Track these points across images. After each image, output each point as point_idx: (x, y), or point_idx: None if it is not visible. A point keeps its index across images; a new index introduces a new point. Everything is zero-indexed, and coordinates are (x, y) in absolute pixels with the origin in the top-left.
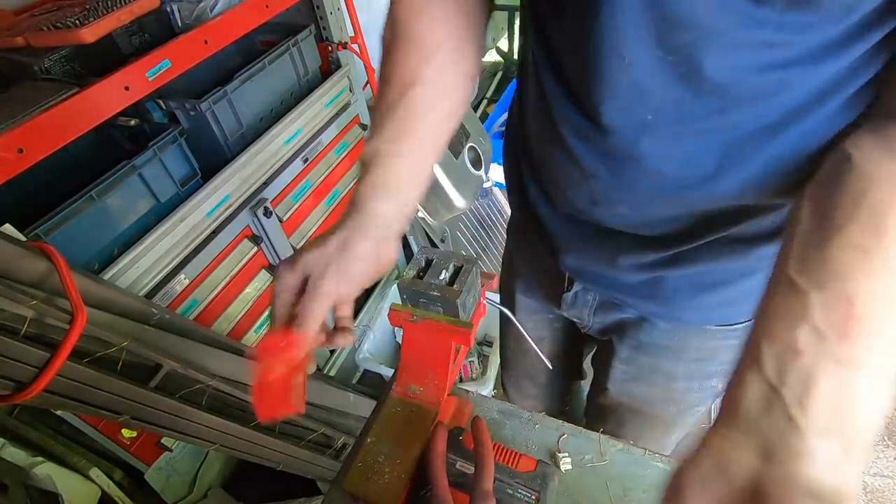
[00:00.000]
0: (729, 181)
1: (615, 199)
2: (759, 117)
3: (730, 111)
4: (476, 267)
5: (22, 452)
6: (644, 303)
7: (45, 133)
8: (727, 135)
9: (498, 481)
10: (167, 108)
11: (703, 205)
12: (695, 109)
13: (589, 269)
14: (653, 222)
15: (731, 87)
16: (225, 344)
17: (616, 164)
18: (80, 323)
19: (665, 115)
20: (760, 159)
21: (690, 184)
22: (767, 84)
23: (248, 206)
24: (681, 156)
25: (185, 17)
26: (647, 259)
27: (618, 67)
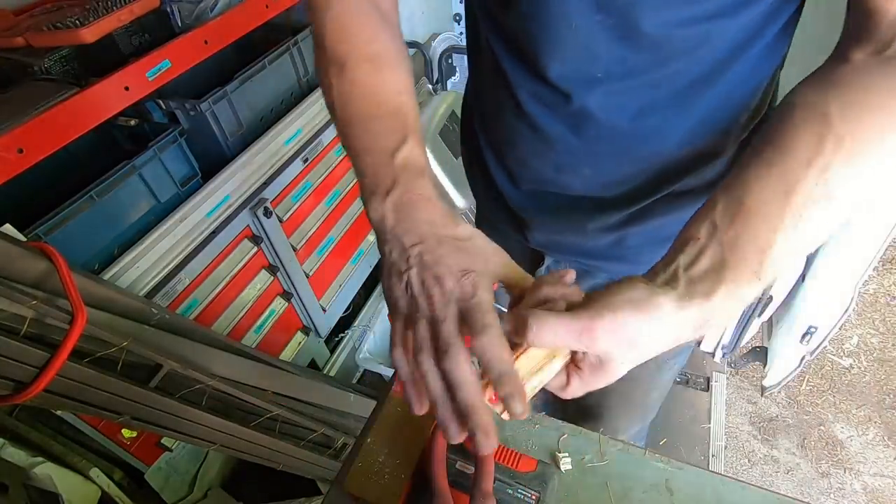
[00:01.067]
0: (676, 130)
1: (578, 162)
2: (693, 67)
3: (667, 64)
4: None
5: (22, 452)
6: (612, 264)
7: (45, 133)
8: (668, 86)
9: (498, 481)
10: (167, 108)
11: (655, 158)
12: (637, 65)
13: (557, 240)
14: (613, 182)
15: (664, 42)
16: (225, 344)
17: (575, 126)
18: (80, 323)
19: (612, 72)
20: (701, 105)
21: (643, 135)
22: (695, 36)
23: (248, 206)
24: (632, 109)
25: (185, 17)
26: (610, 220)
27: (566, 32)
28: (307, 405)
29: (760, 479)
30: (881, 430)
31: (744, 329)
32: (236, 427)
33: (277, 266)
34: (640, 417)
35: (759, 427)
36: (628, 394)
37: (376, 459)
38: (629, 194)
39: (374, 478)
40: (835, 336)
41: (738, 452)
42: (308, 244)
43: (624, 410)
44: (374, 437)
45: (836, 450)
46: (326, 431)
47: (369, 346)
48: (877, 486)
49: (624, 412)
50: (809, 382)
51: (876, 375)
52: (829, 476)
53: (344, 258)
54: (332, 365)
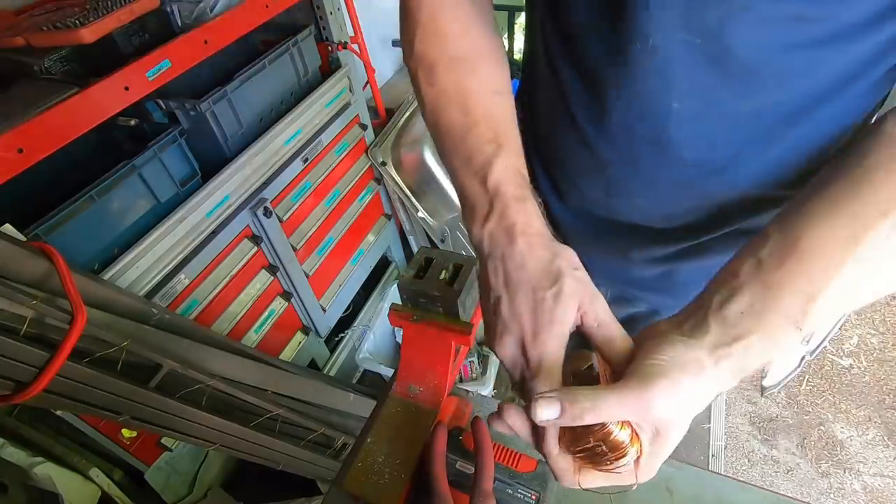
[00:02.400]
0: (750, 167)
1: (633, 190)
2: (785, 101)
3: (757, 95)
4: (476, 267)
5: (22, 452)
6: (656, 296)
7: (45, 133)
8: (753, 119)
9: (498, 481)
10: (167, 108)
11: (722, 194)
12: (722, 94)
13: (600, 264)
14: (670, 215)
15: (759, 69)
16: (225, 344)
17: (636, 152)
18: (80, 323)
19: (691, 100)
20: (783, 144)
21: (712, 170)
22: (795, 64)
23: (248, 206)
24: (705, 141)
25: (185, 17)
26: (660, 253)
27: (642, 52)
28: (307, 405)
29: (760, 479)
30: (881, 430)
31: None
32: (236, 427)
33: (277, 266)
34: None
35: (759, 427)
36: None
37: (376, 459)
38: (686, 228)
39: (374, 478)
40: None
41: (738, 452)
42: (308, 244)
43: None
44: (374, 437)
45: (836, 450)
46: (326, 431)
47: (369, 346)
48: (877, 486)
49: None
50: (809, 382)
51: (876, 375)
52: (829, 476)
53: (344, 258)
54: (332, 365)
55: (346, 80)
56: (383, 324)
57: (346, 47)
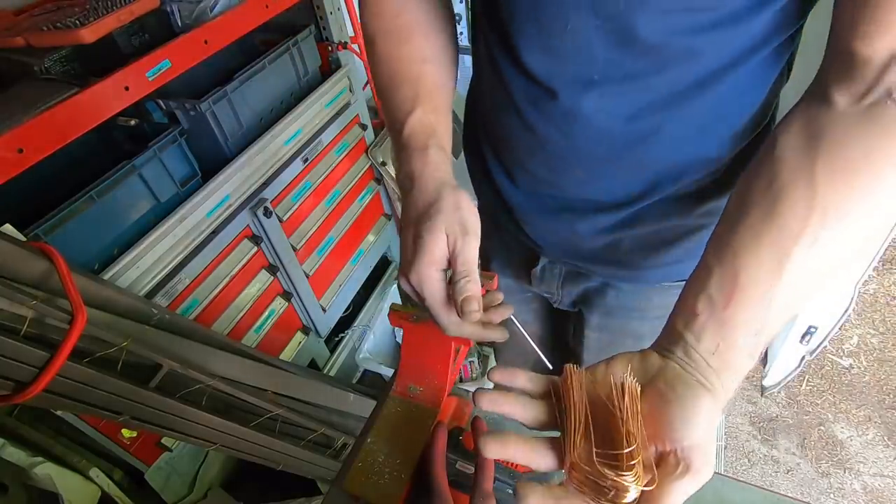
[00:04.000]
0: (670, 135)
1: (570, 164)
2: (690, 74)
3: (665, 70)
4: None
5: (22, 452)
6: (605, 268)
7: (45, 133)
8: (664, 91)
9: (498, 481)
10: (167, 108)
11: (651, 162)
12: (635, 69)
13: (552, 240)
14: (607, 185)
15: (664, 49)
16: (225, 344)
17: (567, 127)
18: (80, 323)
19: (608, 75)
20: (696, 113)
21: (636, 138)
22: (697, 44)
23: (248, 206)
24: (625, 112)
25: (185, 17)
26: (603, 223)
27: (562, 33)
28: (307, 405)
29: (760, 479)
30: (881, 430)
31: None
32: (236, 427)
33: (277, 266)
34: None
35: (759, 427)
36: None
37: (376, 459)
38: (623, 198)
39: (374, 478)
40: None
41: (738, 452)
42: (308, 244)
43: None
44: (374, 437)
45: (836, 450)
46: (326, 431)
47: (369, 346)
48: (877, 486)
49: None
50: (809, 382)
51: (876, 375)
52: (829, 476)
53: (344, 258)
54: (332, 365)
55: (346, 80)
56: (383, 324)
57: (346, 47)
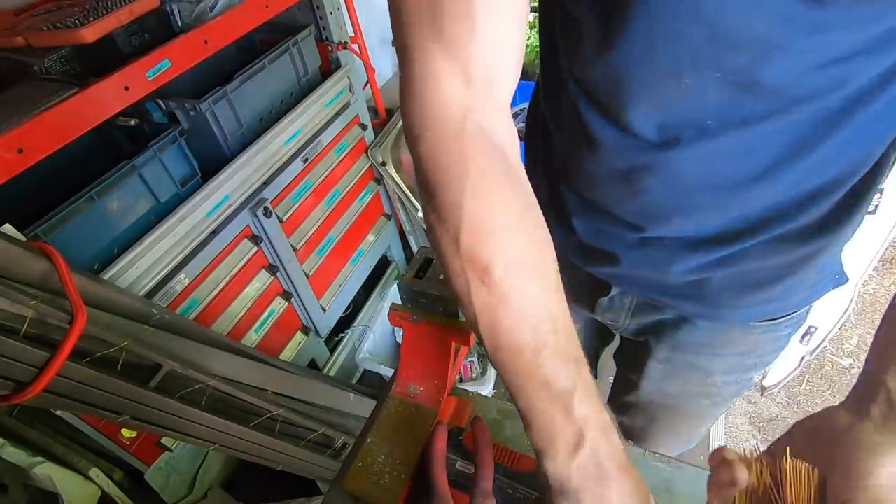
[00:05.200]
0: (786, 177)
1: (667, 212)
2: (820, 111)
3: (790, 110)
4: None
5: (22, 452)
6: (686, 304)
7: (45, 133)
8: (787, 130)
9: (498, 481)
10: (167, 108)
11: (759, 206)
12: (755, 111)
13: (628, 273)
14: (707, 229)
15: (791, 89)
16: (225, 344)
17: (669, 177)
18: (80, 323)
19: (722, 120)
20: (820, 151)
21: (745, 183)
22: (828, 80)
23: (248, 206)
24: (739, 154)
25: (185, 17)
26: (694, 262)
27: (675, 89)
28: (307, 405)
29: None
30: None
31: None
32: (236, 427)
33: (277, 266)
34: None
35: (759, 427)
36: (675, 426)
37: (376, 459)
38: (723, 238)
39: (374, 478)
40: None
41: None
42: (308, 244)
43: (669, 438)
44: (374, 437)
45: None
46: (326, 431)
47: (369, 346)
48: None
49: (668, 440)
50: (809, 382)
51: None
52: None
53: (344, 258)
54: (332, 365)
55: (346, 80)
56: (383, 324)
57: (346, 47)
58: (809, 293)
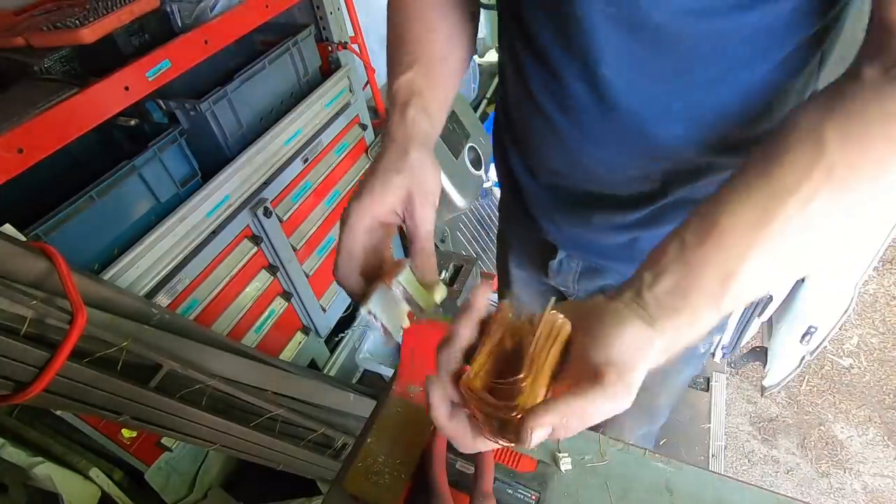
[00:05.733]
0: (683, 128)
1: (586, 155)
2: (704, 65)
3: (675, 58)
4: (476, 267)
5: (22, 452)
6: (623, 265)
7: (45, 133)
8: (677, 81)
9: (498, 481)
10: (167, 108)
11: (665, 158)
12: (644, 57)
13: (569, 234)
14: (622, 180)
15: (672, 36)
16: (225, 344)
17: (578, 114)
18: (80, 323)
19: (616, 61)
20: (712, 110)
21: (644, 127)
22: (705, 30)
23: (248, 206)
24: (637, 101)
25: (185, 17)
26: (622, 220)
27: (576, 26)
28: (307, 405)
29: (760, 479)
30: (881, 430)
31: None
32: (236, 427)
33: (277, 266)
34: (646, 420)
35: (759, 427)
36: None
37: (376, 459)
38: (640, 195)
39: (374, 478)
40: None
41: (738, 452)
42: (308, 244)
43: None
44: (374, 437)
45: (836, 450)
46: (326, 431)
47: (369, 346)
48: (877, 486)
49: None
50: (809, 382)
51: (876, 375)
52: (829, 476)
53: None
54: (332, 365)
55: (346, 80)
56: None
57: (346, 47)
58: None
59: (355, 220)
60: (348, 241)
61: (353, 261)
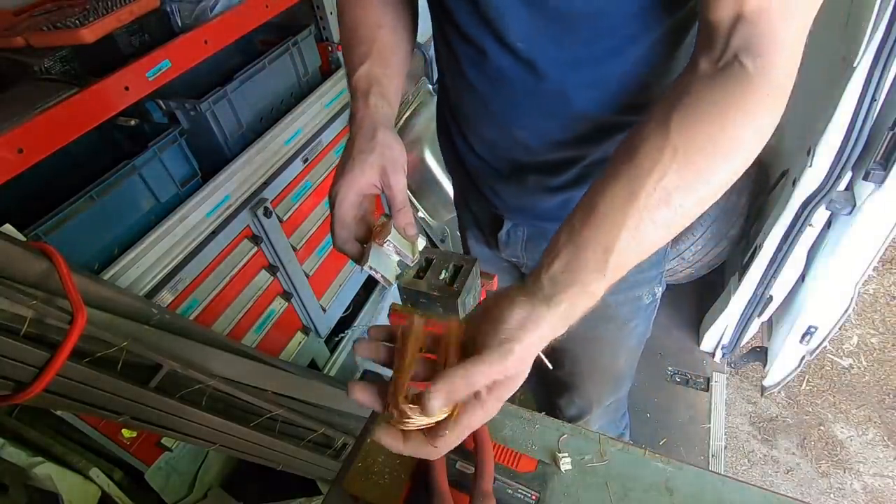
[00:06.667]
0: (588, 95)
1: (511, 121)
2: (600, 37)
3: (575, 32)
4: (476, 267)
5: (22, 452)
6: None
7: (45, 133)
8: (587, 52)
9: (498, 481)
10: (167, 108)
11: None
12: (557, 35)
13: (510, 202)
14: (550, 145)
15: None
16: (225, 344)
17: (497, 83)
18: (80, 323)
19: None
20: (616, 73)
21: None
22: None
23: (248, 206)
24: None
25: (185, 17)
26: (553, 182)
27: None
28: (307, 405)
29: (760, 479)
30: (881, 430)
31: (744, 329)
32: (236, 427)
33: (277, 266)
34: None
35: (759, 427)
36: (594, 358)
37: (376, 459)
38: (567, 158)
39: (374, 478)
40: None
41: (738, 452)
42: (308, 244)
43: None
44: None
45: (836, 450)
46: (326, 431)
47: None
48: (877, 486)
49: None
50: (809, 382)
51: (876, 375)
52: (829, 476)
53: (344, 258)
54: (332, 365)
55: (346, 80)
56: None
57: None
58: None
59: (342, 196)
60: (340, 214)
61: (347, 230)
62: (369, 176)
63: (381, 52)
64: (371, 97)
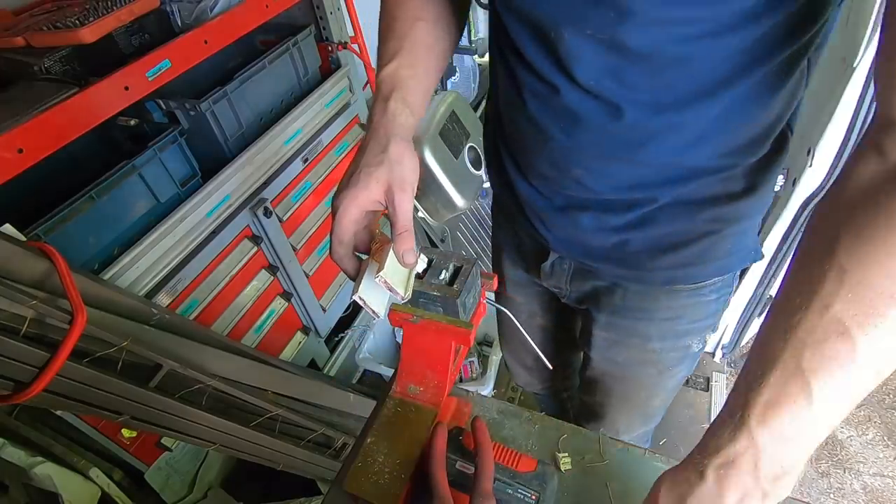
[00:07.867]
0: (665, 142)
1: (572, 161)
2: (687, 83)
3: (659, 76)
4: (476, 267)
5: (22, 452)
6: (612, 267)
7: (45, 133)
8: (659, 98)
9: (498, 481)
10: (167, 108)
11: (649, 167)
12: (629, 75)
13: (560, 236)
14: (609, 187)
15: (655, 57)
16: (225, 344)
17: (568, 124)
18: (80, 323)
19: (603, 80)
20: (696, 120)
21: (633, 142)
22: (689, 53)
23: (248, 206)
24: (621, 116)
25: (185, 17)
26: (610, 223)
27: (558, 41)
28: (307, 405)
29: None
30: (881, 430)
31: (744, 329)
32: (236, 427)
33: (277, 266)
34: (641, 421)
35: None
36: (629, 396)
37: (376, 459)
38: (631, 200)
39: (374, 478)
40: None
41: None
42: (308, 244)
43: (625, 412)
44: (374, 437)
45: (836, 450)
46: (326, 431)
47: (369, 346)
48: (877, 486)
49: (625, 414)
50: None
51: None
52: (829, 476)
53: None
54: (332, 365)
55: (346, 80)
56: (383, 324)
57: (346, 47)
58: (726, 261)
59: (344, 211)
60: (339, 230)
61: (345, 246)
62: (373, 192)
63: (413, 50)
64: (391, 102)
